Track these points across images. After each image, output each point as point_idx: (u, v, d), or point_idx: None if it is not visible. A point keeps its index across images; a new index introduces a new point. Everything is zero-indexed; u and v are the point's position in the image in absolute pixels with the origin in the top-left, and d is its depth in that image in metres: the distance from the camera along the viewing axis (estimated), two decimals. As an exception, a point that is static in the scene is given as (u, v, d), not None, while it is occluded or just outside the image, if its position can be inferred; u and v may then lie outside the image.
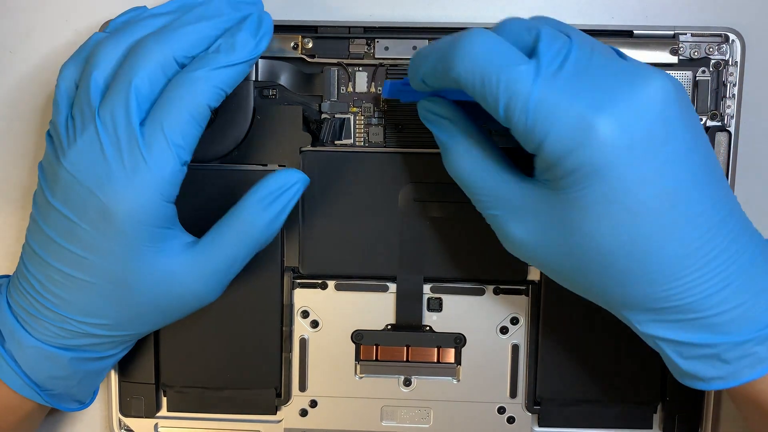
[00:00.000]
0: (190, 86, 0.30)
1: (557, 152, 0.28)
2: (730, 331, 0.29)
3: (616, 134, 0.27)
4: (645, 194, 0.28)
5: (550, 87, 0.28)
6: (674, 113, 0.28)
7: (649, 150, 0.28)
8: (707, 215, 0.29)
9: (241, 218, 0.33)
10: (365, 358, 0.39)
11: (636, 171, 0.28)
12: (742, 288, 0.29)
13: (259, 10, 0.33)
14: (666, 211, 0.28)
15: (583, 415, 0.39)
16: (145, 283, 0.32)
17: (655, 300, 0.29)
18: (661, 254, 0.29)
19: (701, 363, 0.30)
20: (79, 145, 0.30)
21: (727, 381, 0.30)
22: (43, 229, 0.32)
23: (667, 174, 0.28)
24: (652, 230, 0.28)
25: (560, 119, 0.28)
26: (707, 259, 0.29)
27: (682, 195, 0.28)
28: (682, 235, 0.28)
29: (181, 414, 0.39)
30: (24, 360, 0.33)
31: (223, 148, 0.37)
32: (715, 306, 0.29)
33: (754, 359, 0.30)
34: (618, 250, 0.29)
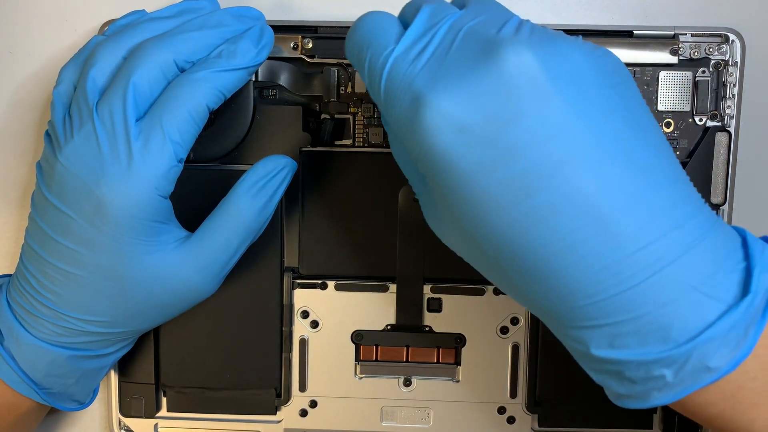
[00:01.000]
0: (191, 86, 0.31)
1: (401, 137, 0.27)
2: (633, 346, 0.25)
3: (446, 116, 0.25)
4: (491, 180, 0.25)
5: (401, 65, 0.26)
6: (531, 88, 0.24)
7: (489, 132, 0.24)
8: (585, 201, 0.24)
9: (232, 208, 0.33)
10: (365, 358, 0.39)
11: (475, 154, 0.24)
12: (654, 288, 0.25)
13: (261, 23, 0.33)
14: (520, 198, 0.25)
15: (583, 415, 0.39)
16: (140, 278, 0.32)
17: (546, 299, 0.26)
18: (529, 249, 0.25)
19: (609, 378, 0.27)
20: (75, 141, 0.31)
21: (636, 401, 0.27)
22: (40, 225, 0.32)
23: (518, 157, 0.24)
24: (510, 221, 0.25)
25: (399, 102, 0.26)
26: (592, 255, 0.24)
27: (544, 179, 0.24)
28: (548, 228, 0.24)
29: (181, 414, 0.39)
30: (22, 358, 0.33)
31: (223, 148, 0.37)
32: (615, 312, 0.25)
33: (661, 383, 0.25)
34: (489, 239, 0.26)
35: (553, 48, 0.25)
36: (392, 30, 0.28)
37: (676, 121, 0.37)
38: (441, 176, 0.26)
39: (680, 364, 0.25)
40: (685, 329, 0.25)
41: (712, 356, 0.25)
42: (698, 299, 0.25)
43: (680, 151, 0.37)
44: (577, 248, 0.25)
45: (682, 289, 0.25)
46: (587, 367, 0.28)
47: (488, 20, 0.27)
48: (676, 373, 0.25)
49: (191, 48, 0.31)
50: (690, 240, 0.25)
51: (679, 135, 0.37)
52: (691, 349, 0.25)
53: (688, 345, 0.25)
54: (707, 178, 0.37)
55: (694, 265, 0.25)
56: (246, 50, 0.32)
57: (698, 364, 0.25)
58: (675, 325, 0.25)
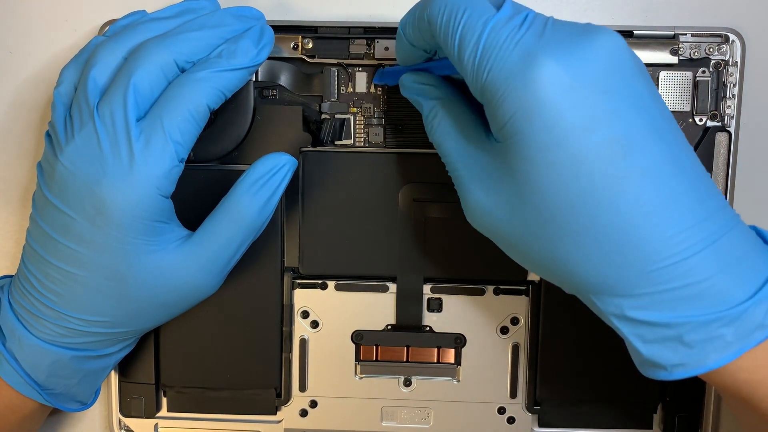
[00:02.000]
0: (192, 86, 0.31)
1: (499, 92, 0.27)
2: (694, 309, 0.27)
3: (558, 73, 0.26)
4: (591, 140, 0.26)
5: (504, 30, 0.28)
6: (625, 66, 0.27)
7: (593, 95, 0.26)
8: (667, 174, 0.27)
9: (233, 206, 0.33)
10: (365, 358, 0.39)
11: (580, 114, 0.26)
12: (708, 259, 0.27)
13: (261, 23, 0.33)
14: (617, 159, 0.26)
15: (583, 415, 0.39)
16: (142, 277, 0.32)
17: (613, 266, 0.27)
18: (614, 210, 0.27)
19: (662, 347, 0.28)
20: (76, 141, 0.31)
21: (689, 368, 0.28)
22: (42, 226, 0.32)
23: (617, 122, 0.27)
24: (604, 181, 0.26)
25: (504, 57, 0.27)
26: (668, 221, 0.27)
27: (635, 148, 0.27)
28: (638, 190, 0.26)
29: (181, 414, 0.39)
30: (24, 359, 0.33)
31: (223, 148, 0.37)
32: (679, 277, 0.27)
33: (721, 343, 0.27)
34: (568, 205, 0.27)
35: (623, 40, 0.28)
36: (485, 3, 0.29)
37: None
38: (541, 132, 0.27)
39: (739, 323, 0.27)
40: (739, 292, 0.27)
41: (765, 316, 0.27)
42: (744, 269, 0.28)
43: (680, 151, 0.37)
44: (654, 216, 0.27)
45: (731, 261, 0.27)
46: (637, 337, 0.29)
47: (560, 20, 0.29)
48: (736, 331, 0.27)
49: (192, 48, 0.32)
50: (729, 222, 0.28)
51: (679, 135, 0.37)
52: (746, 308, 0.27)
53: (744, 305, 0.27)
54: (707, 178, 0.37)
55: (737, 243, 0.28)
56: (246, 50, 0.32)
57: (753, 322, 0.27)
58: (731, 289, 0.27)
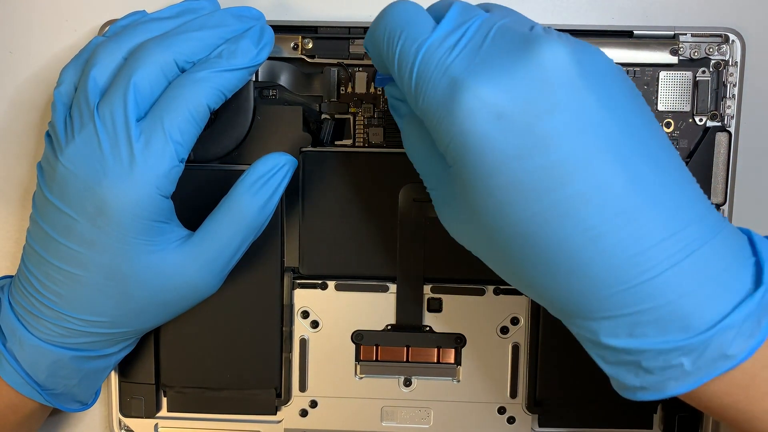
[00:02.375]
0: (192, 86, 0.31)
1: (432, 121, 0.27)
2: (653, 336, 0.26)
3: (484, 102, 0.25)
4: (523, 169, 0.25)
5: (435, 54, 0.27)
6: (569, 81, 0.25)
7: (527, 119, 0.25)
8: (619, 191, 0.25)
9: (233, 206, 0.33)
10: (365, 358, 0.39)
11: (510, 142, 0.25)
12: (675, 278, 0.25)
13: (261, 23, 0.33)
14: (553, 188, 0.25)
15: (583, 415, 0.39)
16: (142, 277, 0.32)
17: (571, 291, 0.26)
18: (558, 237, 0.25)
19: (624, 370, 0.27)
20: (77, 142, 0.31)
21: (649, 392, 0.27)
22: (42, 226, 0.32)
23: (552, 148, 0.25)
24: (542, 209, 0.25)
25: (434, 86, 0.26)
26: (624, 242, 0.25)
27: (576, 171, 0.25)
28: (580, 216, 0.25)
29: (181, 414, 0.39)
30: (25, 359, 0.33)
31: (223, 148, 0.37)
32: (639, 301, 0.25)
33: (679, 372, 0.26)
34: (514, 232, 0.26)
35: (583, 47, 0.26)
36: (425, 20, 0.28)
37: (676, 121, 0.37)
38: (473, 162, 0.26)
39: (699, 353, 0.26)
40: (704, 318, 0.25)
41: (730, 344, 0.25)
42: (715, 290, 0.26)
43: (680, 151, 0.37)
44: (603, 239, 0.25)
45: (701, 280, 0.26)
46: (600, 358, 0.28)
47: (516, 21, 0.28)
48: (695, 361, 0.26)
49: (192, 48, 0.32)
50: (707, 234, 0.26)
51: (679, 135, 0.37)
52: (710, 338, 0.25)
53: (707, 333, 0.25)
54: (707, 178, 0.37)
55: (712, 258, 0.26)
56: (246, 50, 0.32)
57: (716, 352, 0.25)
58: (695, 314, 0.25)
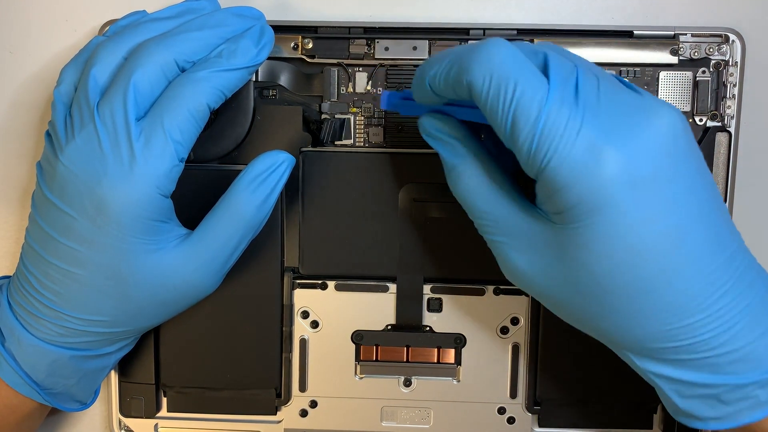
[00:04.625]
0: (192, 86, 0.31)
1: (561, 182, 0.27)
2: (733, 373, 0.29)
3: (623, 169, 0.26)
4: (648, 233, 0.27)
5: (560, 114, 0.27)
6: (681, 150, 0.28)
7: (654, 187, 0.27)
8: (713, 255, 0.28)
9: (231, 204, 0.33)
10: (365, 358, 0.39)
11: (640, 209, 0.27)
12: (747, 328, 0.28)
13: (261, 22, 0.33)
14: (671, 250, 0.27)
15: (583, 415, 0.39)
16: (142, 276, 0.32)
17: (657, 340, 0.29)
18: (664, 294, 0.28)
19: (700, 402, 0.30)
20: (77, 141, 0.31)
21: (724, 422, 0.30)
22: (41, 225, 0.32)
23: (672, 212, 0.27)
24: (656, 270, 0.28)
25: (567, 146, 0.27)
26: (712, 300, 0.28)
27: (687, 234, 0.27)
28: (687, 276, 0.28)
29: (181, 414, 0.39)
30: (24, 359, 0.33)
31: (223, 148, 0.37)
32: (719, 347, 0.28)
33: (754, 402, 0.29)
34: (620, 290, 0.28)
35: (682, 116, 0.28)
36: (536, 73, 0.28)
37: (676, 121, 0.37)
38: (601, 225, 0.27)
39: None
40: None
41: None
42: None
43: (680, 151, 0.37)
44: (700, 295, 0.28)
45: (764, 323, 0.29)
46: (678, 394, 0.30)
47: (605, 74, 0.29)
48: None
49: (192, 48, 0.32)
50: (759, 283, 0.29)
51: (679, 135, 0.37)
52: None
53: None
54: (707, 178, 0.37)
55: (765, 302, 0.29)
56: (246, 50, 0.32)
57: None
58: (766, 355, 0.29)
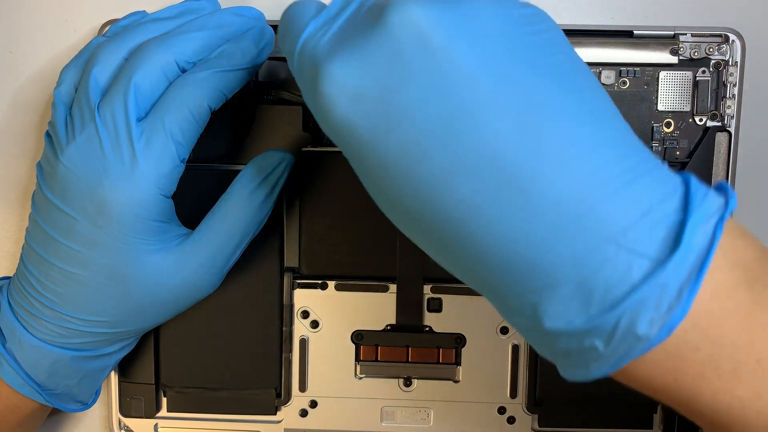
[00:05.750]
0: (193, 86, 0.31)
1: (310, 108, 0.26)
2: (555, 317, 0.23)
3: (340, 84, 0.24)
4: (386, 147, 0.24)
5: (308, 43, 0.25)
6: (419, 47, 0.23)
7: (381, 97, 0.23)
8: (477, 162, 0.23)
9: (232, 204, 0.33)
10: (365, 358, 0.39)
11: (369, 126, 0.24)
12: (560, 253, 0.22)
13: (261, 23, 0.33)
14: (417, 163, 0.23)
15: (583, 415, 0.39)
16: (143, 277, 0.32)
17: (462, 269, 0.25)
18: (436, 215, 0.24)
19: (543, 351, 0.26)
20: (78, 142, 0.31)
21: (580, 372, 0.25)
22: (42, 226, 0.32)
23: (407, 122, 0.23)
24: (414, 187, 0.24)
25: (306, 70, 0.25)
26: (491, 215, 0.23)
27: (433, 143, 0.23)
28: (450, 188, 0.23)
29: (181, 414, 0.39)
30: (24, 359, 0.33)
31: (223, 148, 0.37)
32: (523, 280, 0.23)
33: (595, 354, 0.23)
34: (397, 213, 0.26)
35: (447, 5, 0.24)
36: (311, 11, 0.27)
37: (676, 121, 0.37)
38: (345, 149, 0.25)
39: (609, 334, 0.23)
40: (607, 293, 0.22)
41: (642, 323, 0.22)
42: (618, 255, 0.22)
43: (680, 151, 0.37)
44: (483, 209, 0.23)
45: (597, 243, 0.22)
46: (530, 343, 0.26)
47: None
48: (607, 343, 0.23)
49: (192, 48, 0.32)
50: (610, 187, 0.23)
51: (679, 135, 0.37)
52: (617, 316, 0.22)
53: (613, 312, 0.22)
54: (707, 178, 0.37)
55: (613, 216, 0.22)
56: (247, 51, 0.32)
57: (627, 332, 0.22)
58: (596, 288, 0.22)
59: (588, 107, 0.24)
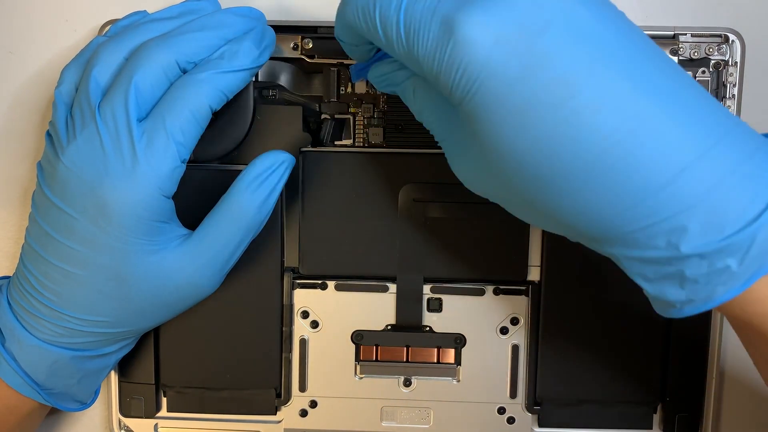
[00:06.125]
0: (194, 87, 0.31)
1: (433, 65, 0.26)
2: (692, 240, 0.25)
3: (478, 32, 0.25)
4: (531, 88, 0.25)
5: (417, 4, 0.26)
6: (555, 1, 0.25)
7: (523, 39, 0.25)
8: (627, 96, 0.25)
9: (232, 204, 0.33)
10: (365, 358, 0.39)
11: (512, 65, 0.25)
12: (701, 173, 0.25)
13: (262, 24, 0.33)
14: (563, 101, 0.25)
15: (583, 415, 0.39)
16: (143, 277, 0.32)
17: (593, 208, 0.26)
18: (575, 152, 0.25)
19: (668, 284, 0.26)
20: (78, 142, 0.31)
21: (698, 304, 0.26)
22: (42, 226, 0.32)
23: (555, 61, 0.25)
24: (554, 125, 0.25)
25: (426, 33, 0.26)
26: (642, 148, 0.25)
27: (581, 81, 0.25)
28: (595, 125, 0.25)
29: (181, 414, 0.39)
30: (24, 359, 0.33)
31: (223, 148, 0.37)
32: (668, 205, 0.25)
33: (726, 275, 0.25)
34: (529, 158, 0.26)
35: None
36: None
37: (676, 121, 0.37)
38: (480, 92, 0.26)
39: (744, 249, 0.25)
40: (740, 211, 0.25)
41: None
42: (741, 181, 0.25)
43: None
44: (620, 146, 0.25)
45: (730, 173, 0.25)
46: (641, 278, 0.27)
47: None
48: (741, 260, 0.25)
49: (193, 48, 0.32)
50: (722, 129, 0.25)
51: (679, 135, 0.37)
52: (753, 232, 0.24)
53: (749, 228, 0.24)
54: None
55: (735, 150, 0.25)
56: (248, 51, 0.32)
57: (762, 246, 0.24)
58: (729, 209, 0.25)
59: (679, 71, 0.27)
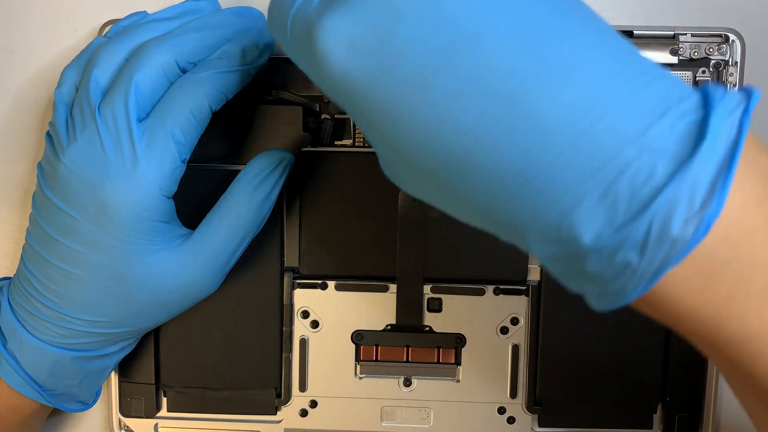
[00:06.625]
0: (194, 87, 0.31)
1: (313, 78, 0.25)
2: (582, 234, 0.22)
3: (333, 34, 0.24)
4: (388, 88, 0.23)
5: (300, 11, 0.25)
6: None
7: (376, 40, 0.23)
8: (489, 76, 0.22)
9: (232, 203, 0.33)
10: (365, 358, 0.39)
11: (368, 67, 0.23)
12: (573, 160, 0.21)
13: (262, 23, 0.33)
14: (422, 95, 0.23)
15: (583, 415, 0.39)
16: (143, 277, 0.32)
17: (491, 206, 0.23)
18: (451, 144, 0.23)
19: (580, 281, 0.24)
20: (79, 142, 0.31)
21: (614, 298, 0.23)
22: (43, 227, 0.32)
23: (406, 56, 0.23)
24: (422, 120, 0.23)
25: (298, 40, 0.25)
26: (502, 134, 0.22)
27: (436, 70, 0.22)
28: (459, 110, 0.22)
29: (181, 414, 0.39)
30: (25, 360, 0.33)
31: (223, 148, 0.37)
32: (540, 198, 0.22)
33: (629, 271, 0.22)
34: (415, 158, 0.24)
35: None
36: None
37: (676, 121, 0.37)
38: (348, 99, 0.24)
39: (642, 241, 0.21)
40: (633, 197, 0.21)
41: (675, 223, 0.21)
42: (640, 157, 0.21)
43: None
44: (491, 134, 0.22)
45: (616, 148, 0.21)
46: (559, 275, 0.24)
47: None
48: (641, 253, 0.21)
49: (193, 48, 0.32)
50: (622, 92, 0.22)
51: (679, 135, 0.37)
52: (648, 221, 0.21)
53: (642, 217, 0.21)
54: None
55: (628, 119, 0.21)
56: (248, 51, 0.32)
57: (661, 236, 0.21)
58: (621, 194, 0.21)
59: (591, 25, 0.23)
